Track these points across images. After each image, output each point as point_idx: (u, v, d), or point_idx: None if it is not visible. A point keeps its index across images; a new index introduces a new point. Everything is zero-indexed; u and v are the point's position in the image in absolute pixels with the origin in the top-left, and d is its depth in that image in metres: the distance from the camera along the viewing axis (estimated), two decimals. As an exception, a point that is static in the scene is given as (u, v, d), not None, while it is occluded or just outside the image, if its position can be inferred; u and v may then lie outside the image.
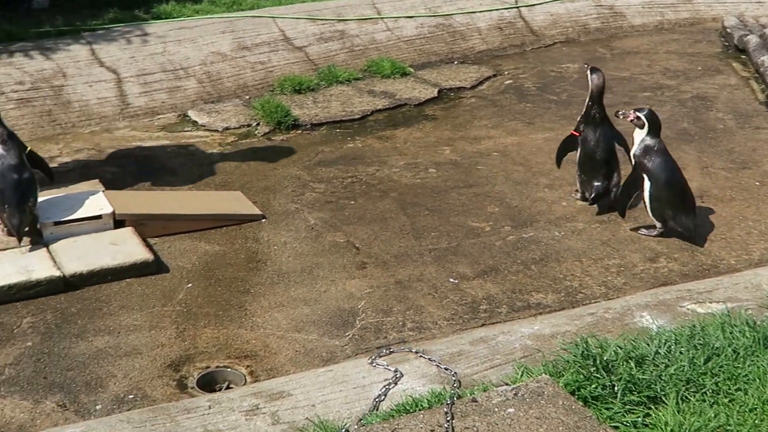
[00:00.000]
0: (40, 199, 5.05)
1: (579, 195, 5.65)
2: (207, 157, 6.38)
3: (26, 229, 4.90)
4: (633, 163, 5.16)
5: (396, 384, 3.42)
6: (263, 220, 5.39)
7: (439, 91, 7.73)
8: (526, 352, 3.63)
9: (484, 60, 8.68)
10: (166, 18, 8.59)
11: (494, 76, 8.20)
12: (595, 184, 5.47)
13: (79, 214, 5.02)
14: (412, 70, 8.20)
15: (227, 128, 6.92)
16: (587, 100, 5.50)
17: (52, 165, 5.75)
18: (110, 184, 5.71)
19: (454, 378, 3.42)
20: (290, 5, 9.19)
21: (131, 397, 3.79)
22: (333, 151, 6.52)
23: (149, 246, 4.97)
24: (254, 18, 8.62)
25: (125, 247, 4.84)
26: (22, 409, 3.72)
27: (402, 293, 4.60)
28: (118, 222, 5.09)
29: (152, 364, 4.02)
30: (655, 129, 5.11)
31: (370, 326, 4.29)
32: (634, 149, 5.15)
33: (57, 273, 4.55)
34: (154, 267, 4.77)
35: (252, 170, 6.14)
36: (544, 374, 3.30)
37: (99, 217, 5.03)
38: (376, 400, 3.30)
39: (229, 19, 8.55)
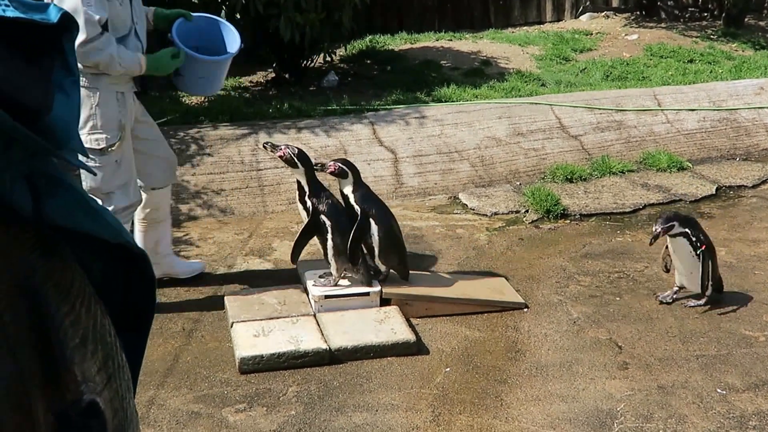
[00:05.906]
0: (316, 272, 5.35)
1: None
2: (474, 241, 6.45)
3: None
4: None
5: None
6: (525, 310, 5.37)
7: (717, 189, 7.45)
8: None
9: (768, 158, 8.33)
10: (445, 101, 8.83)
11: (779, 175, 7.84)
12: None
13: (349, 289, 5.21)
14: (689, 164, 7.97)
15: (495, 213, 6.97)
16: None
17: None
18: (381, 262, 5.89)
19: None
20: (569, 93, 9.22)
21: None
22: (601, 243, 6.42)
23: (412, 326, 5.06)
24: (531, 105, 8.69)
25: (389, 326, 4.95)
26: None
27: (664, 399, 4.42)
28: (384, 300, 5.23)
29: (406, 447, 4.07)
30: None
31: (628, 431, 4.14)
32: None
33: (324, 346, 4.71)
34: (414, 348, 4.84)
35: (517, 258, 6.14)
36: None
37: (367, 294, 5.20)
38: None
39: (506, 104, 8.67)
